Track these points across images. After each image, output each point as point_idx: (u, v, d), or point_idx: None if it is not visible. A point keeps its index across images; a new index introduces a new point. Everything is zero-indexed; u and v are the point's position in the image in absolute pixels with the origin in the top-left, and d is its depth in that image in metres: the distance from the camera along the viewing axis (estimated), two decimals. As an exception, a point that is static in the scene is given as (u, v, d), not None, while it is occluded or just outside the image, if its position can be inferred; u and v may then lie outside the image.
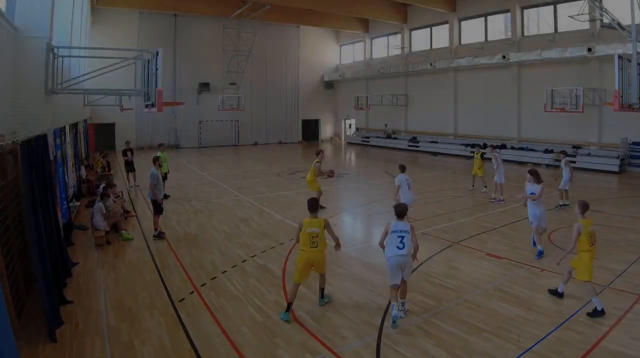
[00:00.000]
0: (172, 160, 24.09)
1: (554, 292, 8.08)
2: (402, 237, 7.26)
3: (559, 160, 16.10)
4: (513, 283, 8.74)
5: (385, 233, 7.44)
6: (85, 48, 20.35)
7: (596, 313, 7.22)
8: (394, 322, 7.05)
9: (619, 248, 10.76)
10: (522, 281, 8.86)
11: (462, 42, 33.79)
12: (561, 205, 15.10)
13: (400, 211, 7.58)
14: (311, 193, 14.20)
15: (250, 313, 7.53)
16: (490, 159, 17.03)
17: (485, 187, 17.88)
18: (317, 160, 14.99)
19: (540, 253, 10.20)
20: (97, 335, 6.82)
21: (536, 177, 10.46)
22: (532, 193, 10.40)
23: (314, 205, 7.75)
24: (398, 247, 7.22)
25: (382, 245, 7.45)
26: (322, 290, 7.89)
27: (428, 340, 6.61)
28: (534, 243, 10.52)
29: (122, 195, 16.82)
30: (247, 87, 40.49)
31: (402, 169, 12.59)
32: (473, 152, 19.98)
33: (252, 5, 32.53)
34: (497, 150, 17.92)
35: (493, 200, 16.23)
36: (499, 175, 16.23)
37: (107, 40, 31.78)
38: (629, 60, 14.29)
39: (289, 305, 7.42)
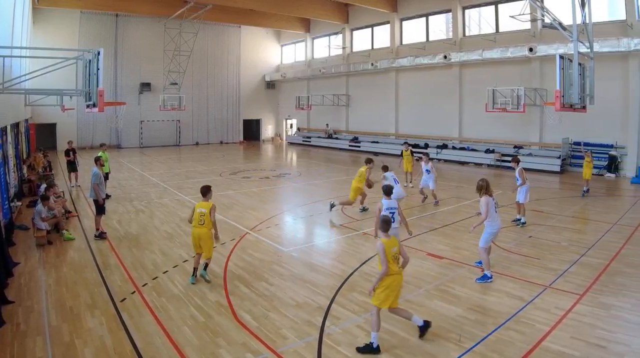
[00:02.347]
0: (113, 160, 23.70)
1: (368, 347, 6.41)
2: (393, 213, 8.84)
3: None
4: (454, 283, 8.86)
5: (379, 212, 8.71)
6: (26, 48, 19.77)
7: (368, 349, 6.33)
8: None
9: (561, 248, 11.01)
10: (463, 281, 8.94)
11: (404, 42, 34.30)
12: (515, 220, 13.43)
13: (388, 190, 9.21)
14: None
15: (191, 313, 7.61)
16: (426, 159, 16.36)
17: (410, 182, 19.20)
18: (367, 166, 14.22)
19: (484, 278, 8.98)
20: (39, 335, 6.82)
21: (478, 189, 9.06)
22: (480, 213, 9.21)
23: (205, 192, 9.13)
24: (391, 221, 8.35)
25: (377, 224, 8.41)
26: (206, 264, 9.14)
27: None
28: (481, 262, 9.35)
29: (64, 195, 16.56)
30: (188, 87, 40.23)
31: (386, 168, 13.78)
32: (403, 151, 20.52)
33: (193, 6, 32.38)
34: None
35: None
36: (433, 183, 16.00)
37: (49, 40, 31.35)
38: (570, 60, 14.76)
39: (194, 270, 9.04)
